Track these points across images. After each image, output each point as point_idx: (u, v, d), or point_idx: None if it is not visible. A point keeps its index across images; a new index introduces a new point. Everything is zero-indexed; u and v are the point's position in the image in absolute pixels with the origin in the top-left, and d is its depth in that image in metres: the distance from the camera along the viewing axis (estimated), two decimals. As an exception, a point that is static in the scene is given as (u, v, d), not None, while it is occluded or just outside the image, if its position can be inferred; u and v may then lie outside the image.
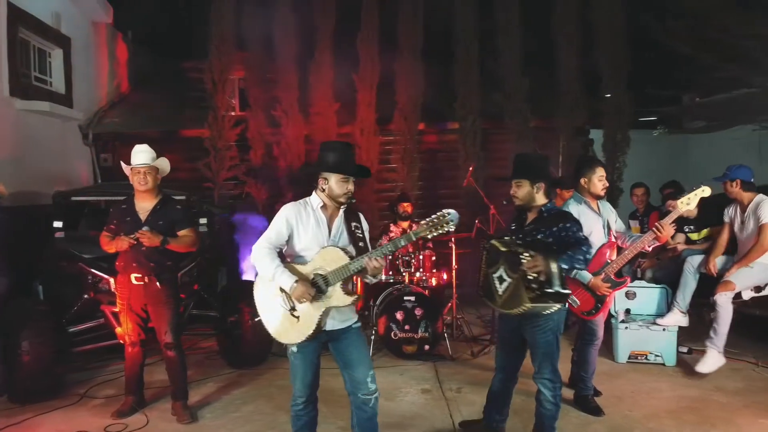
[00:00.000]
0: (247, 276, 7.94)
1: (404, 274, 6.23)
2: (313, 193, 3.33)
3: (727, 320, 4.97)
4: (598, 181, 4.39)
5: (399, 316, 5.79)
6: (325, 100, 8.35)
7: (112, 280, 5.13)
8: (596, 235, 4.42)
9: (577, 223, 3.54)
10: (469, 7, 8.58)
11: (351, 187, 3.25)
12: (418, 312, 5.80)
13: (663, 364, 5.48)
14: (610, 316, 5.46)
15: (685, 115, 12.03)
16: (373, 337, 5.96)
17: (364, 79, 8.45)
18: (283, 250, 3.32)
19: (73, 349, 5.34)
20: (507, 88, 8.67)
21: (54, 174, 7.83)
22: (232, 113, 8.87)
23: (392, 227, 6.83)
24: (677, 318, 5.45)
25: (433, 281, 6.33)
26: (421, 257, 6.26)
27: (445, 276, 6.48)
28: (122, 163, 4.48)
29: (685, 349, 5.71)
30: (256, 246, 3.24)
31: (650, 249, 4.67)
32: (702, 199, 4.48)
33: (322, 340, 3.33)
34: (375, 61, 8.44)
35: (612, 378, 5.17)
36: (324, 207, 3.29)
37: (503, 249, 3.44)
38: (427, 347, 5.81)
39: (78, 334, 5.41)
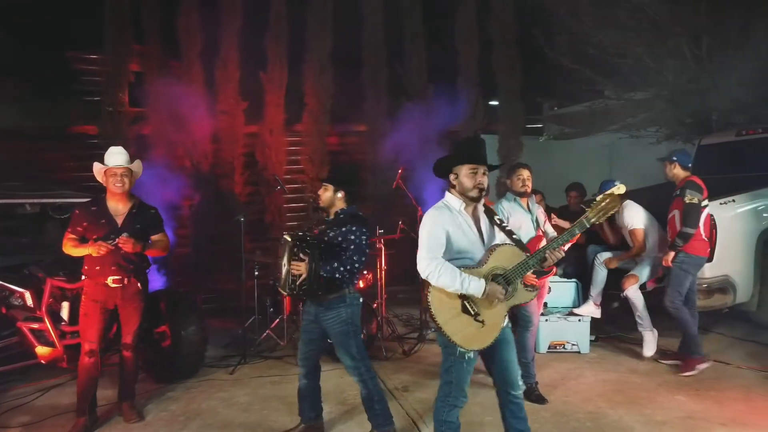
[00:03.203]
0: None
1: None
2: (447, 195, 3.24)
3: (643, 304, 5.67)
4: (517, 179, 4.82)
5: (334, 319, 5.76)
6: (233, 99, 8.05)
7: (27, 294, 4.63)
8: (525, 230, 4.82)
9: (364, 226, 3.88)
10: (377, 12, 8.74)
11: (481, 178, 3.14)
12: (353, 314, 5.81)
13: (579, 352, 5.99)
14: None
15: (562, 123, 13.10)
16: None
17: (272, 79, 8.26)
18: None
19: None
20: (412, 93, 8.93)
21: None
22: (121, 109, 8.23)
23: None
24: (591, 309, 6.00)
25: (361, 283, 6.38)
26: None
27: (369, 277, 6.55)
28: (95, 164, 4.28)
29: (592, 337, 6.28)
30: (425, 262, 3.02)
31: (565, 249, 5.16)
32: None
33: None
34: (283, 62, 8.29)
35: (539, 368, 5.49)
36: (465, 209, 3.21)
37: (289, 240, 3.75)
38: (362, 349, 5.84)
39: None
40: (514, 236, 3.25)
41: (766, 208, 6.10)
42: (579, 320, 5.99)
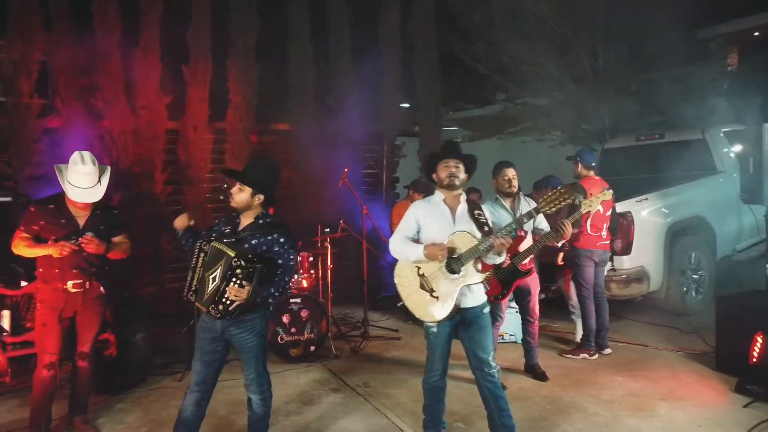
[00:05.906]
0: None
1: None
2: (435, 192, 3.81)
3: (575, 294, 6.11)
4: (503, 179, 4.97)
5: (285, 319, 5.71)
6: (154, 93, 7.62)
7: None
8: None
9: (291, 238, 3.53)
10: (302, 10, 8.67)
11: (453, 169, 3.65)
12: (303, 314, 5.79)
13: (516, 342, 6.35)
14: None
15: (462, 126, 13.70)
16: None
17: (195, 73, 7.93)
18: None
19: None
20: (339, 93, 8.96)
21: None
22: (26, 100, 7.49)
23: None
24: (528, 301, 6.39)
25: (304, 283, 6.34)
26: (299, 258, 6.21)
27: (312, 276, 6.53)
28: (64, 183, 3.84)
29: (526, 328, 6.69)
30: (391, 240, 3.72)
31: (559, 245, 5.47)
32: None
33: (456, 320, 3.63)
34: (207, 56, 7.97)
35: (486, 358, 5.83)
36: (445, 200, 3.72)
37: (232, 256, 3.20)
38: (312, 348, 5.82)
39: None
40: (485, 228, 3.61)
41: (673, 205, 6.83)
42: (516, 311, 6.34)
